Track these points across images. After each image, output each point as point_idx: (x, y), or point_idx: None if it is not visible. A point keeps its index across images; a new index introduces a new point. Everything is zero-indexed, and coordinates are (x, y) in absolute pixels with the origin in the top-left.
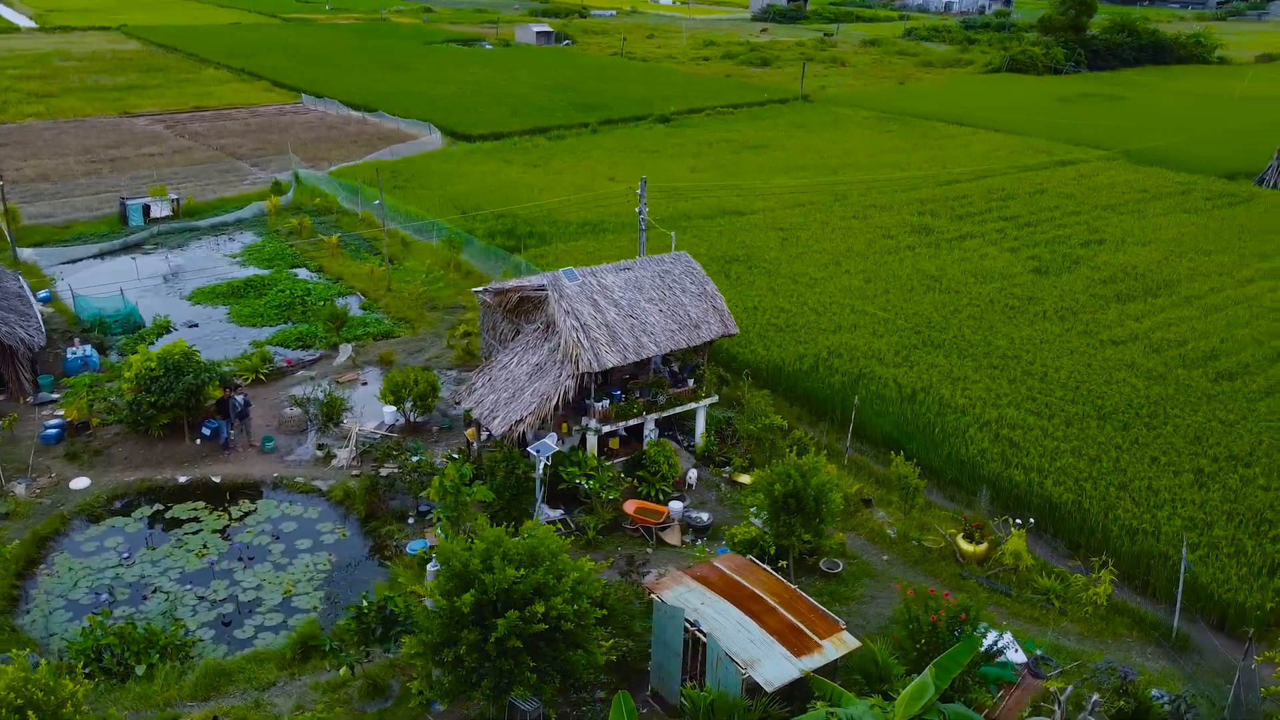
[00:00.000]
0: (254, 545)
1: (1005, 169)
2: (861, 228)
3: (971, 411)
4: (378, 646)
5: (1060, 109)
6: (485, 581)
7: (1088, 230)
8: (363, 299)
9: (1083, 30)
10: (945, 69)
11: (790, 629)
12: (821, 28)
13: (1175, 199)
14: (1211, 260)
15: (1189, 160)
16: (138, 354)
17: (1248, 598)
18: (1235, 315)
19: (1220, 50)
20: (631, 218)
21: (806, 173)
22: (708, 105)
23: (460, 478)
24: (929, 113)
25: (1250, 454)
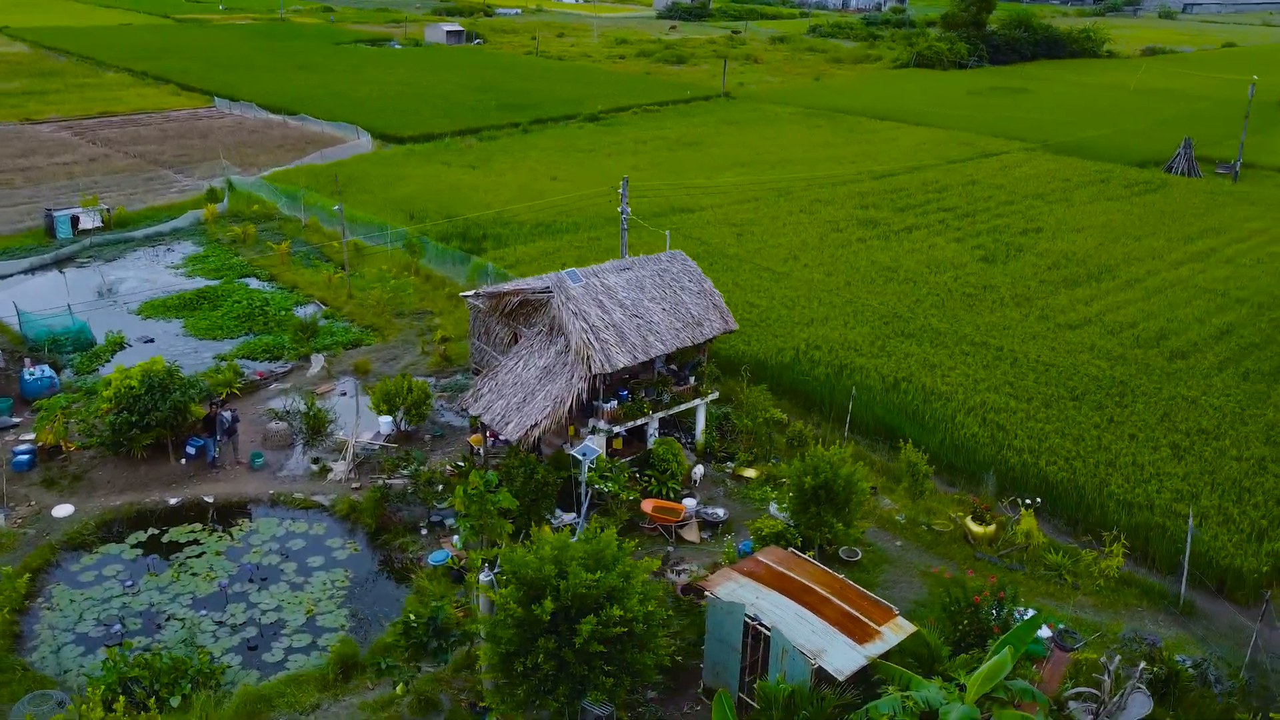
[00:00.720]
0: (264, 565)
1: (935, 162)
2: (811, 222)
3: (955, 398)
4: (429, 661)
5: (973, 102)
6: (560, 588)
7: (1024, 219)
8: (324, 308)
9: (983, 26)
10: (856, 65)
11: (848, 618)
12: (728, 25)
13: (1097, 187)
14: (1142, 245)
15: (1102, 150)
16: (115, 372)
17: (1244, 563)
18: (1175, 296)
19: (1108, 44)
20: (585, 217)
21: (747, 169)
22: (634, 103)
23: (485, 485)
24: (852, 108)
25: (1217, 428)
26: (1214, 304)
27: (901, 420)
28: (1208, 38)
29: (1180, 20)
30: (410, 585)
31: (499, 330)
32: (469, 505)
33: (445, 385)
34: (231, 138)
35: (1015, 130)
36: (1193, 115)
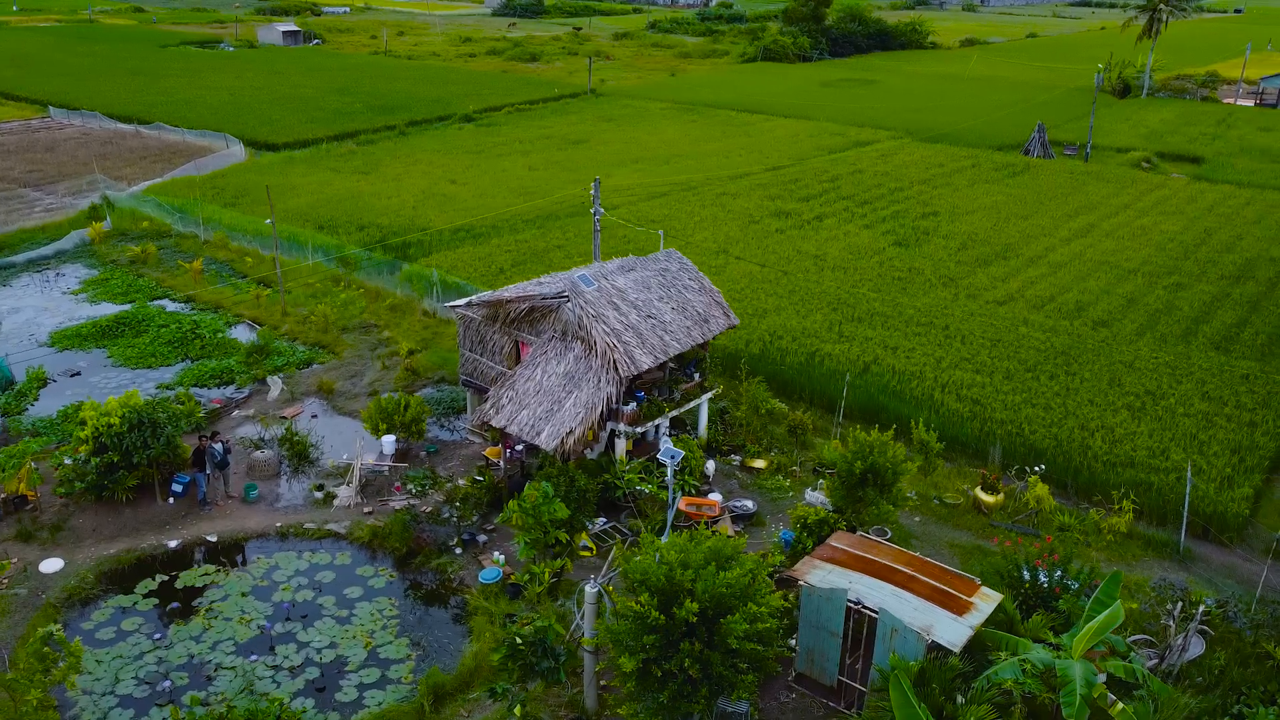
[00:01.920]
0: (300, 602)
1: (816, 152)
2: (726, 215)
3: (926, 377)
4: (539, 680)
5: (828, 94)
6: (698, 589)
7: (919, 204)
8: (259, 327)
9: (822, 20)
10: (705, 59)
11: (939, 592)
12: (565, 22)
13: (971, 172)
14: (1031, 224)
15: (962, 136)
16: (87, 410)
17: (1225, 508)
18: (1076, 271)
19: (932, 36)
20: (504, 223)
21: (642, 165)
22: (505, 103)
23: (542, 496)
24: (717, 102)
25: (1159, 388)
26: (1112, 276)
27: (894, 402)
28: (1013, 29)
29: (982, 13)
30: (465, 607)
31: (497, 339)
32: (527, 519)
33: (436, 399)
34: (83, 151)
35: (876, 119)
36: (1027, 102)
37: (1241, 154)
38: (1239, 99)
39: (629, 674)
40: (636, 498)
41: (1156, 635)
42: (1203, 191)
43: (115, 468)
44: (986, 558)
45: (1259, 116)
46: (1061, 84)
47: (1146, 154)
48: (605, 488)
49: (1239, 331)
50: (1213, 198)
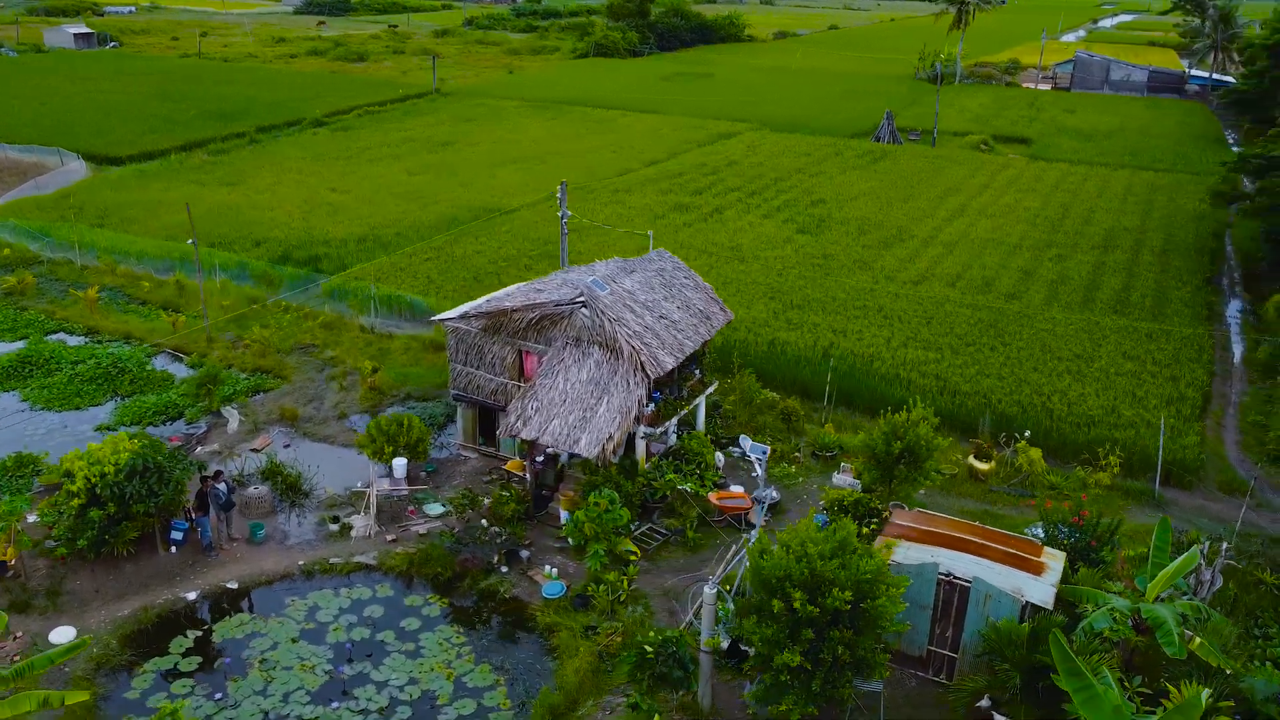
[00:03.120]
0: (359, 641)
1: (685, 146)
2: (629, 213)
3: (883, 357)
4: (670, 690)
5: (671, 88)
6: (841, 578)
7: (803, 193)
8: (186, 356)
9: (647, 15)
10: (536, 56)
11: (1011, 556)
12: (374, 19)
13: (838, 160)
14: (912, 207)
15: (815, 125)
16: (71, 461)
17: (1181, 455)
18: (969, 248)
19: (748, 29)
20: (409, 230)
21: (521, 165)
22: (351, 106)
23: (611, 503)
24: (569, 99)
25: (1085, 352)
26: (1001, 252)
27: (852, 384)
28: (816, 21)
29: (778, 7)
30: (532, 624)
31: (497, 351)
32: (596, 528)
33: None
34: None
35: (728, 112)
36: (858, 91)
37: (1059, 134)
38: (1038, 83)
39: (778, 669)
40: (671, 499)
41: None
42: (1044, 170)
43: (115, 520)
44: (996, 521)
45: (1060, 99)
46: (879, 73)
47: (983, 137)
48: (654, 489)
49: (1128, 295)
50: (1054, 176)
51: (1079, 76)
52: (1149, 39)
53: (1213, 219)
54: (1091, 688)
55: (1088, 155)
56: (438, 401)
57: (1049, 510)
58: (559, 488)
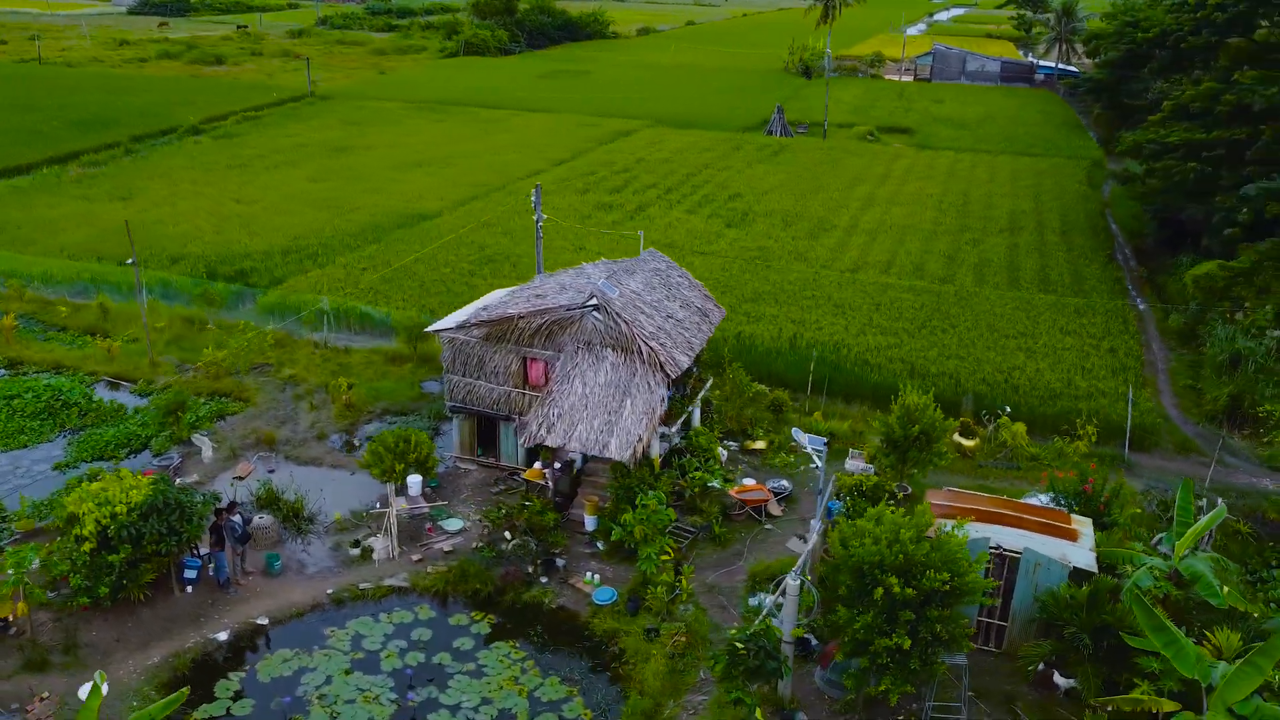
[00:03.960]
0: (415, 666)
1: (587, 144)
2: (555, 214)
3: (848, 344)
4: (762, 682)
5: (551, 86)
6: (935, 560)
7: (717, 187)
8: (131, 384)
9: (514, 13)
10: (403, 56)
11: (1045, 526)
12: (216, 20)
13: (740, 154)
14: (825, 197)
15: (707, 120)
16: (71, 503)
17: (1139, 420)
18: (890, 236)
19: (612, 26)
20: (333, 241)
21: (426, 169)
22: (228, 111)
23: (660, 503)
24: (453, 99)
25: (1028, 330)
26: (921, 237)
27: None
28: (673, 17)
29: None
30: (587, 631)
31: (500, 359)
32: (647, 529)
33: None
34: None
35: (617, 109)
36: (734, 87)
37: (935, 123)
38: (901, 75)
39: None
40: (695, 495)
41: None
42: (934, 159)
43: (134, 563)
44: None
45: (924, 90)
46: (750, 68)
47: (869, 128)
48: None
49: (1047, 274)
50: (945, 163)
51: (938, 68)
52: (986, 32)
53: (1095, 200)
54: (1177, 641)
55: (967, 143)
56: (417, 415)
57: (1060, 480)
58: (576, 493)
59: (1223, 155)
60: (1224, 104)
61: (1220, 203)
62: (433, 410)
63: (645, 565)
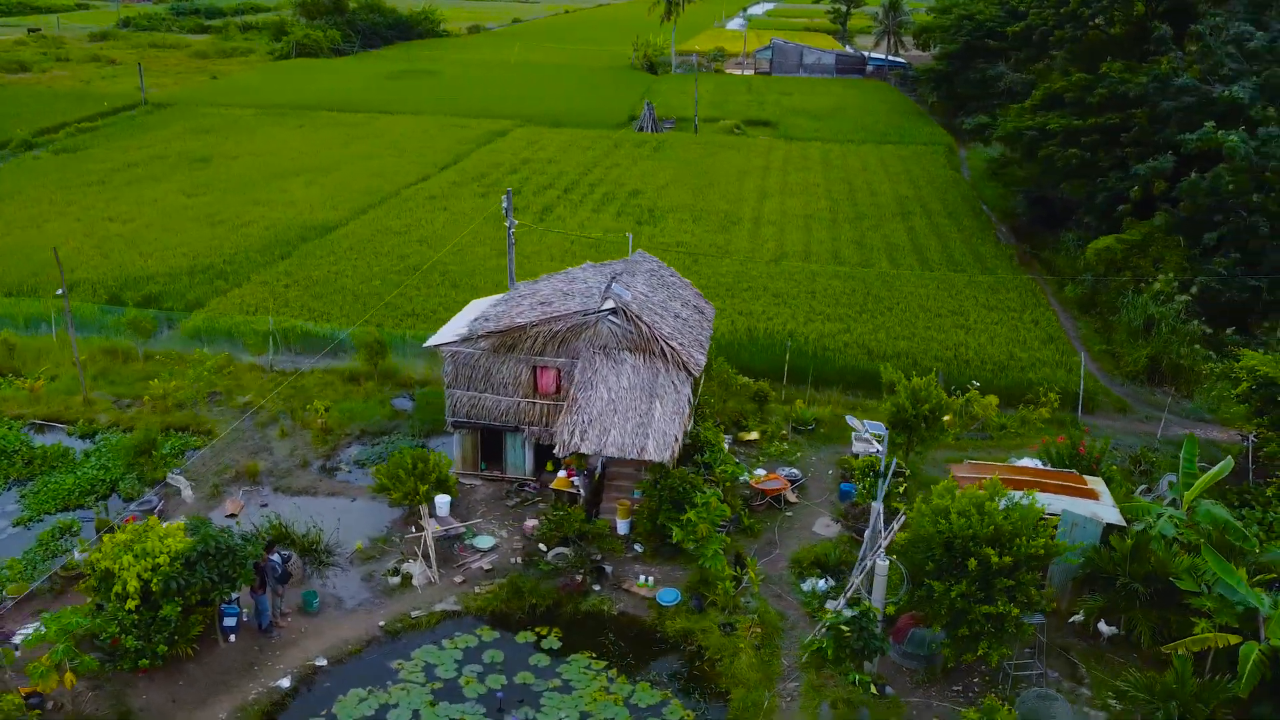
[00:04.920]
0: (503, 688)
1: (463, 146)
2: (464, 219)
3: (803, 332)
4: (866, 661)
5: (403, 87)
6: (1025, 528)
7: (614, 184)
8: (68, 426)
9: (344, 11)
10: (230, 59)
11: (1066, 488)
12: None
13: (620, 151)
14: (720, 191)
15: (577, 119)
16: (100, 560)
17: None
18: (796, 225)
19: (443, 24)
20: (243, 257)
21: (306, 177)
22: (60, 123)
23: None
24: (306, 103)
25: (955, 308)
26: (824, 225)
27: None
28: (502, 15)
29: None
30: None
31: (510, 370)
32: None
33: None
34: None
35: (482, 109)
36: (590, 83)
37: (793, 115)
38: (743, 69)
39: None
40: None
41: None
42: (805, 150)
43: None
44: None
45: (770, 83)
46: (595, 65)
47: (736, 122)
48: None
49: (950, 254)
50: (816, 154)
51: (777, 61)
52: (805, 25)
53: (964, 184)
54: (1234, 573)
55: (828, 133)
56: (397, 433)
57: (1060, 445)
58: (600, 499)
59: (1098, 140)
60: (1096, 95)
61: (1103, 183)
62: (414, 427)
63: (711, 562)
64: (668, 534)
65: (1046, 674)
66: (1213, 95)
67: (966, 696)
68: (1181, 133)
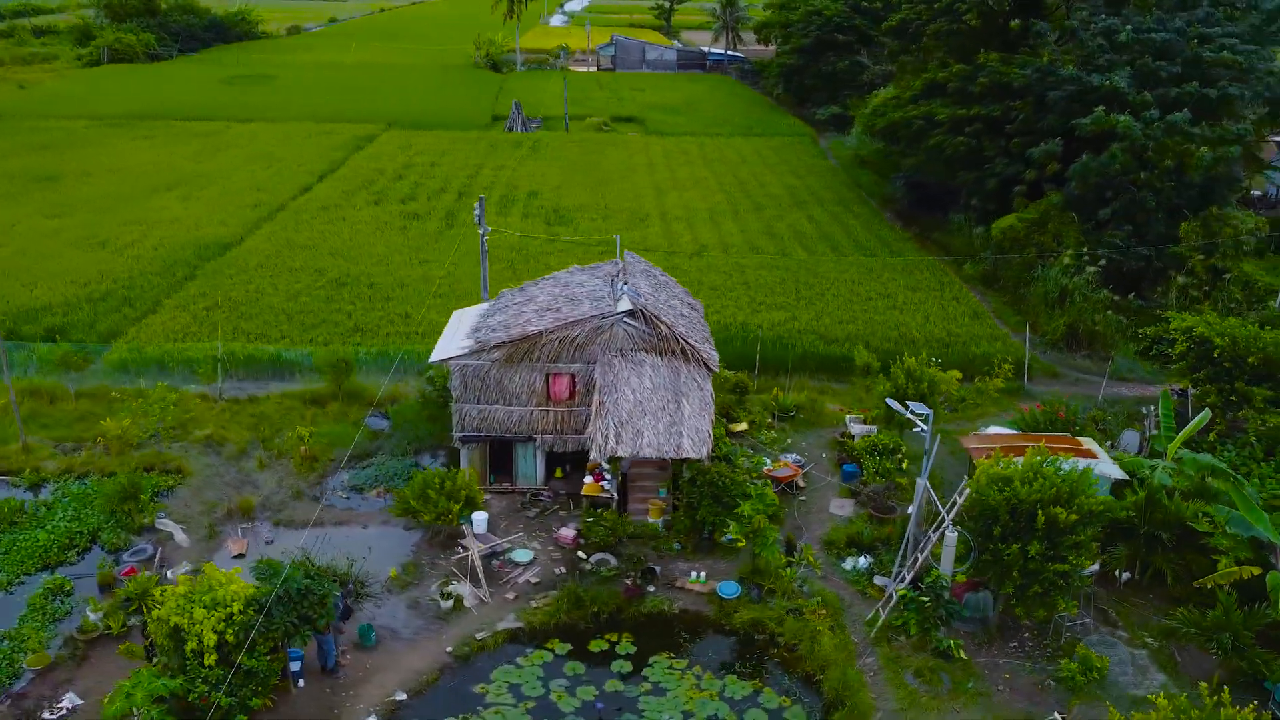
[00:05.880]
0: (598, 698)
1: (334, 152)
2: (368, 230)
3: (756, 322)
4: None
5: (240, 93)
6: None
7: (508, 186)
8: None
9: (156, 14)
10: (30, 66)
11: (1069, 450)
12: None
13: (501, 151)
14: (617, 188)
15: (437, 120)
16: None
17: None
18: (703, 219)
19: (260, 25)
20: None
21: (178, 191)
22: None
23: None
24: (141, 112)
25: (881, 290)
26: (730, 217)
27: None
28: (318, 15)
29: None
30: (731, 627)
31: (523, 380)
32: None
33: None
34: None
35: (339, 113)
36: (443, 82)
37: (651, 111)
38: (588, 66)
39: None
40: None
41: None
42: (680, 144)
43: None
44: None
45: (620, 79)
46: (437, 64)
47: (604, 119)
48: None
49: (857, 239)
50: (693, 148)
51: (620, 58)
52: (629, 21)
53: (840, 173)
54: (1256, 510)
55: (693, 128)
56: (382, 455)
57: (1040, 412)
58: (626, 500)
59: (982, 128)
60: (978, 84)
61: (990, 168)
62: (398, 446)
63: (768, 551)
64: (707, 530)
65: (1089, 623)
66: (1093, 84)
67: (1023, 651)
68: (1066, 120)
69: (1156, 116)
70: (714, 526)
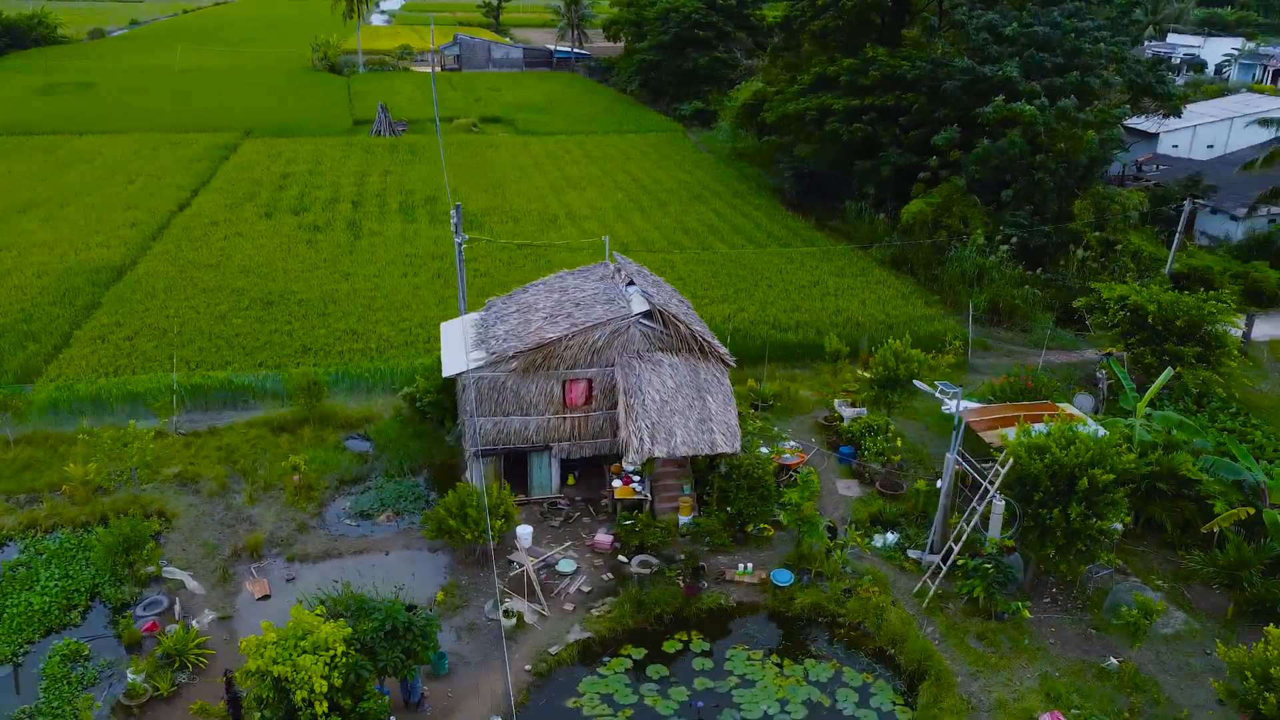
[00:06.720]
0: (693, 697)
1: (200, 164)
2: (266, 247)
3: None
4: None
5: (63, 104)
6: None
7: (401, 193)
8: None
9: None
10: None
11: (1056, 418)
12: None
13: (377, 156)
14: (515, 189)
15: (296, 126)
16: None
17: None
18: (614, 216)
19: (60, 29)
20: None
21: (35, 214)
22: None
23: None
24: None
25: (812, 279)
26: (638, 213)
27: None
28: (119, 18)
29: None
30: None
31: (538, 388)
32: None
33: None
34: None
35: (182, 123)
36: (286, 86)
37: (515, 111)
38: (433, 67)
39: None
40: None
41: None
42: (556, 144)
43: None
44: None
45: (469, 79)
46: (270, 68)
47: (473, 120)
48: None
49: (770, 230)
50: (574, 147)
51: (465, 57)
52: (457, 20)
53: (724, 166)
54: (1247, 456)
55: (565, 126)
56: (377, 478)
57: (1012, 382)
58: (652, 499)
59: (876, 117)
60: (870, 76)
61: (885, 156)
62: (392, 467)
63: (817, 537)
64: (742, 521)
65: (1109, 574)
66: (986, 75)
67: (1057, 606)
68: (961, 109)
69: (1046, 104)
70: (748, 518)
